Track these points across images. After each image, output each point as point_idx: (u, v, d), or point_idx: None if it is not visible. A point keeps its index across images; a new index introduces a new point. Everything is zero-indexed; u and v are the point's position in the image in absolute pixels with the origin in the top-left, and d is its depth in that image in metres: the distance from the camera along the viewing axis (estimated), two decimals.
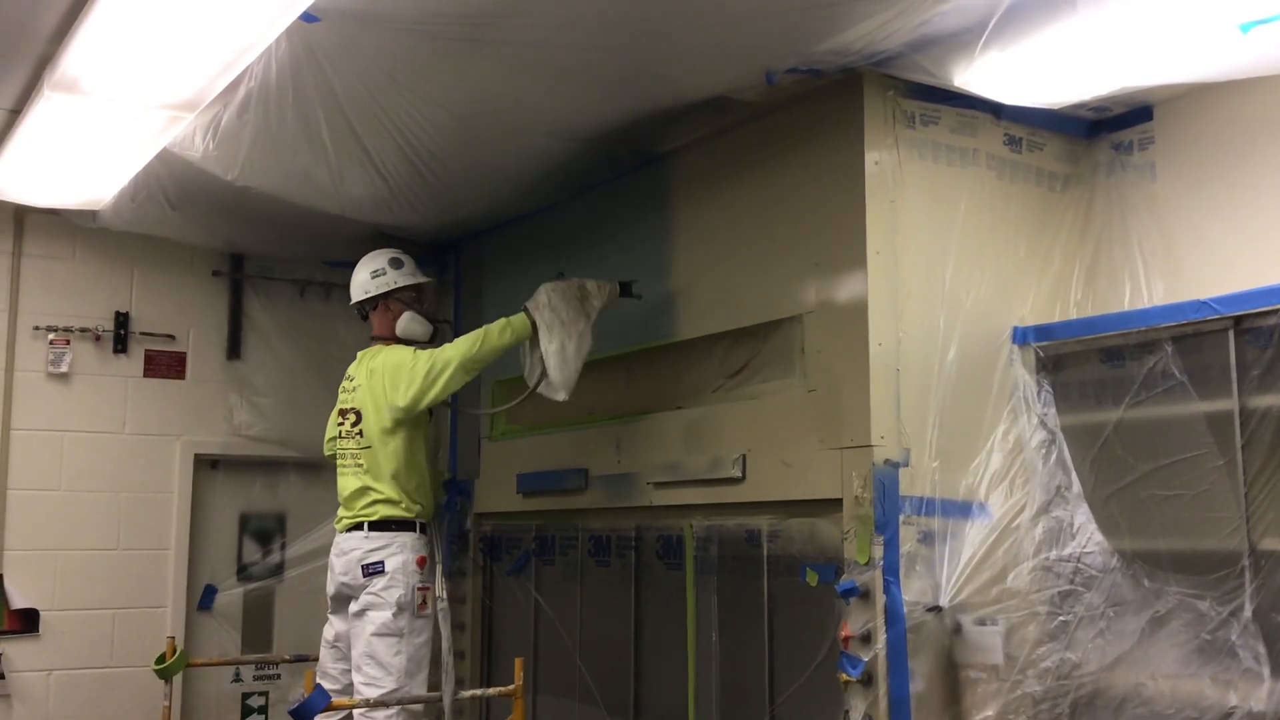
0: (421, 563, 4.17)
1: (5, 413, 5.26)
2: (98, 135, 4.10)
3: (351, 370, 4.45)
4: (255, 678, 5.79)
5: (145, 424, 5.56)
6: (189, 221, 5.15)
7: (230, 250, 5.76)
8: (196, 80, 3.60)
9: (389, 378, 4.19)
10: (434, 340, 4.53)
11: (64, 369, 5.39)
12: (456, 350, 4.13)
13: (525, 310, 4.17)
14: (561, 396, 4.14)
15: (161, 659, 4.69)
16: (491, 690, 4.21)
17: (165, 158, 4.29)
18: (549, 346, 4.11)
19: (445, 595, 4.21)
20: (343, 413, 4.38)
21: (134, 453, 5.52)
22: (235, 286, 5.81)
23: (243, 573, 5.82)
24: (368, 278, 4.46)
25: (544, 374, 4.13)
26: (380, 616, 4.05)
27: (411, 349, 4.28)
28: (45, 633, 5.26)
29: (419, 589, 4.13)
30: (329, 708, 3.71)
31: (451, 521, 5.32)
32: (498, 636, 5.21)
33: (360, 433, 4.26)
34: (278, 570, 5.89)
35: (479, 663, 5.23)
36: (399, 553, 4.13)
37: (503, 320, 4.17)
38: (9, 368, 5.29)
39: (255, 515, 5.90)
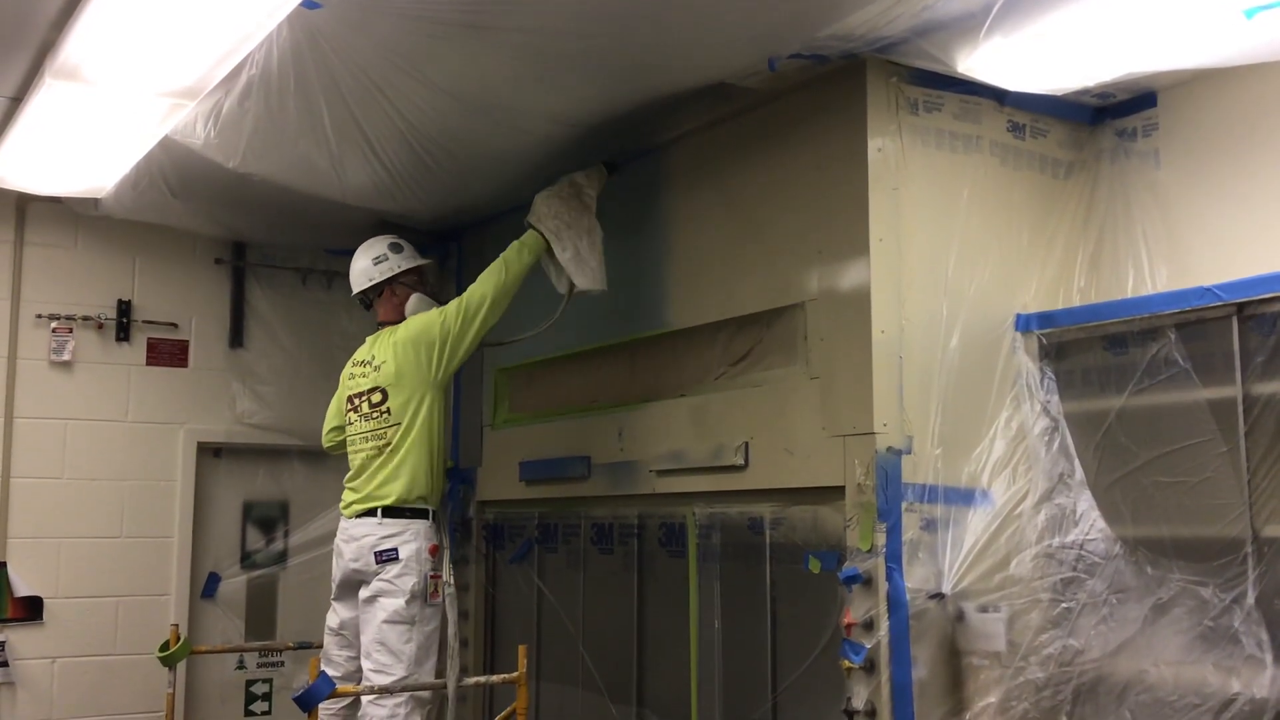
0: (434, 550, 4.16)
1: (8, 401, 5.27)
2: (99, 123, 4.09)
3: (363, 354, 4.42)
4: (259, 665, 5.80)
5: (148, 412, 5.57)
6: (191, 209, 5.15)
7: (232, 238, 5.76)
8: (198, 67, 3.59)
9: (424, 340, 4.19)
10: None
11: (66, 357, 5.39)
12: (485, 286, 4.18)
13: (530, 225, 4.20)
14: (599, 288, 4.22)
15: (165, 646, 4.71)
16: (495, 677, 4.22)
17: (167, 145, 4.29)
18: (564, 256, 4.16)
19: (453, 581, 4.21)
20: (355, 398, 4.36)
21: (137, 441, 5.53)
22: (237, 274, 5.81)
23: (246, 560, 5.84)
24: (369, 265, 4.45)
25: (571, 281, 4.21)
26: (393, 604, 4.04)
27: (435, 309, 4.29)
28: (49, 621, 5.28)
29: (431, 576, 4.12)
30: (333, 695, 3.72)
31: (454, 510, 5.31)
32: (501, 624, 5.22)
33: (387, 411, 4.22)
34: (281, 558, 5.91)
35: (483, 650, 5.24)
36: (413, 540, 4.12)
37: (515, 244, 4.20)
38: (11, 356, 5.29)
39: (258, 503, 5.91)
